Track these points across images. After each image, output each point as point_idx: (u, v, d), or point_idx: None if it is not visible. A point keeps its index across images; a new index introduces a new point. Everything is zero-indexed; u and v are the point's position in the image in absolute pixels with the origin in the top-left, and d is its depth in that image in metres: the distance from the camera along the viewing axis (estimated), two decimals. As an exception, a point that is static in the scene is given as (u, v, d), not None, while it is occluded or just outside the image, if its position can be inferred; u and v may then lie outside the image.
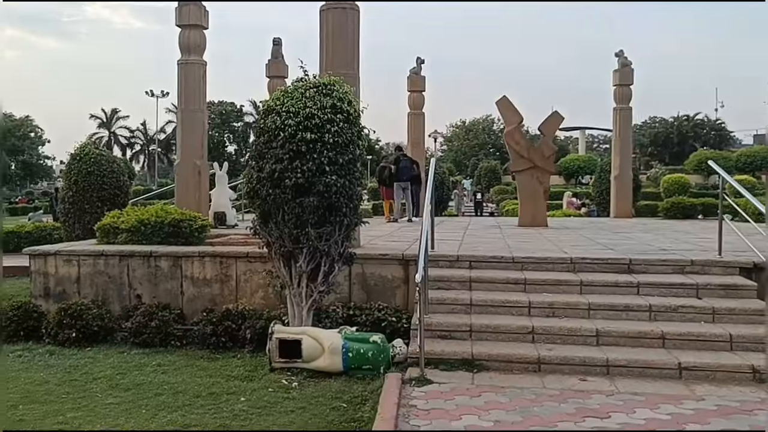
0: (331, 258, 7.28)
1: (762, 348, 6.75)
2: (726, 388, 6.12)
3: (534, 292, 7.82)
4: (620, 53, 20.52)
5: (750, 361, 6.45)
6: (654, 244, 10.68)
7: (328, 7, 9.80)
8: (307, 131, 7.03)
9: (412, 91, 21.19)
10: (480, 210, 32.99)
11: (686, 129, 62.96)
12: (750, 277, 8.07)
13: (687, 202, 20.80)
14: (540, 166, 14.90)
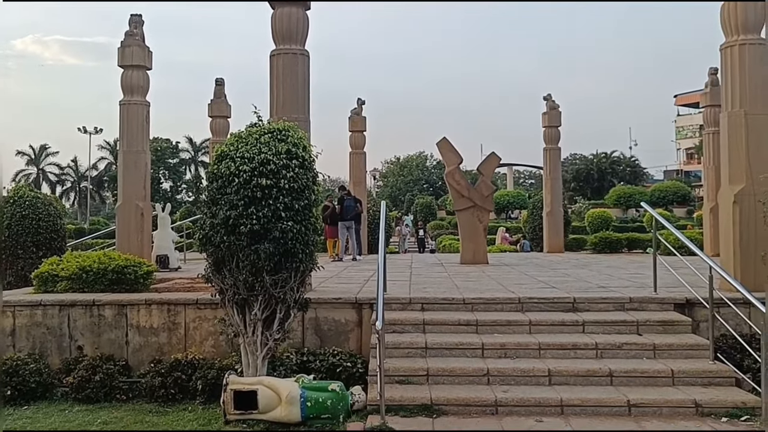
0: (286, 305, 7.27)
1: (701, 382, 7.09)
2: (673, 423, 6.40)
3: (486, 333, 7.99)
4: (548, 97, 21.38)
5: (692, 395, 6.75)
6: (592, 281, 11.06)
7: (278, 52, 9.90)
8: (262, 177, 7.03)
9: (353, 131, 21.50)
10: (423, 247, 33.07)
11: (605, 165, 65.51)
12: (684, 312, 8.47)
13: (613, 237, 21.84)
14: (479, 204, 15.31)
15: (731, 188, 9.35)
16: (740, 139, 9.33)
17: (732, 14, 9.46)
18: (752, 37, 9.40)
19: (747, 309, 7.50)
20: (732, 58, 9.48)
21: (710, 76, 18.74)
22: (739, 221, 9.17)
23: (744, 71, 9.37)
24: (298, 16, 9.99)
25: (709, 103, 18.59)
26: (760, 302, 6.77)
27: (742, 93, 9.38)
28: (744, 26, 9.40)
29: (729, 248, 9.30)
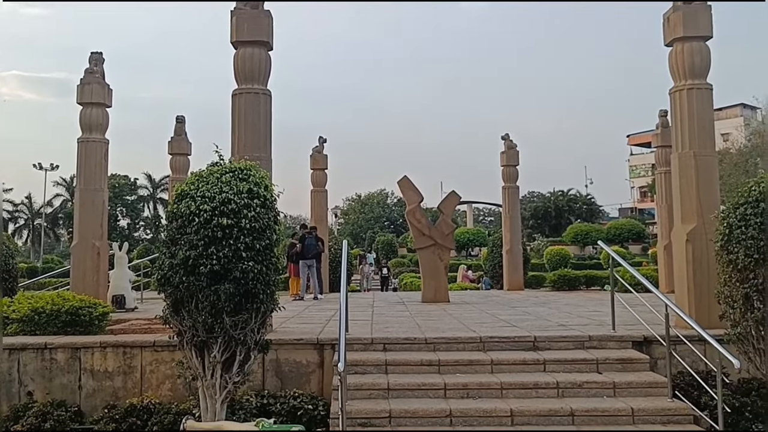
0: (247, 347, 7.15)
1: (660, 420, 7.17)
2: (633, 462, 6.45)
3: (448, 373, 7.98)
4: (506, 136, 21.81)
5: (652, 434, 6.82)
6: (552, 319, 11.16)
7: (240, 91, 9.94)
8: (223, 216, 6.96)
9: (315, 169, 21.58)
10: (386, 285, 32.80)
11: (562, 203, 66.69)
12: (642, 350, 8.59)
13: (572, 275, 22.16)
14: (440, 243, 15.41)
15: (684, 227, 9.59)
16: (691, 180, 9.60)
17: (679, 60, 9.82)
18: (699, 82, 9.76)
19: (702, 346, 7.64)
20: (681, 101, 9.81)
21: (661, 117, 19.33)
22: (692, 260, 9.40)
23: (692, 114, 9.70)
24: (261, 56, 10.07)
25: (661, 144, 19.15)
26: (714, 339, 6.93)
27: (691, 135, 9.68)
28: (691, 72, 9.75)
29: (683, 286, 9.51)
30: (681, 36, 9.83)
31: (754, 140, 46.82)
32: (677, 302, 9.07)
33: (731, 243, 7.45)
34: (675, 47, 9.97)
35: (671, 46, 10.07)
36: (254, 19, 10.08)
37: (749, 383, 7.82)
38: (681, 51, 9.84)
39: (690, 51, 9.77)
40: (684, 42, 9.84)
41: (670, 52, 10.07)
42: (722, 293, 7.64)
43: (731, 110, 67.13)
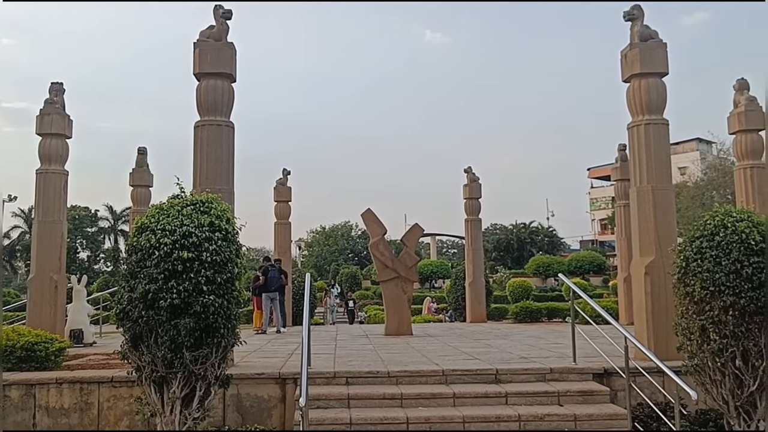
0: (207, 382, 7.05)
1: (621, 452, 7.23)
2: (594, 495, 6.47)
3: (410, 407, 7.95)
4: (469, 169, 22.07)
5: (613, 466, 6.87)
6: (514, 351, 11.21)
7: (203, 123, 9.92)
8: (184, 250, 6.91)
9: (278, 201, 21.53)
10: (353, 318, 32.47)
11: (524, 235, 67.41)
12: (602, 382, 8.68)
13: (534, 307, 22.36)
14: (403, 275, 15.45)
15: (642, 260, 9.77)
16: (648, 213, 9.81)
17: (637, 96, 10.09)
18: (656, 117, 10.03)
19: (661, 377, 7.75)
20: (638, 136, 10.06)
21: (620, 151, 19.76)
22: (650, 292, 9.56)
23: (650, 148, 9.94)
24: (224, 88, 10.10)
25: (620, 177, 19.56)
26: (672, 371, 7.04)
27: (648, 169, 9.92)
28: (648, 107, 10.02)
29: (642, 318, 9.66)
30: (638, 72, 10.12)
31: (710, 174, 48.01)
32: (636, 334, 9.20)
33: (688, 276, 7.59)
34: (632, 83, 10.25)
35: (629, 82, 10.35)
36: (217, 51, 10.12)
37: (707, 414, 7.93)
38: (638, 87, 10.12)
39: (647, 87, 10.05)
40: (641, 78, 10.12)
41: (627, 88, 10.34)
42: (680, 325, 7.77)
43: (688, 144, 68.84)
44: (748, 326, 7.17)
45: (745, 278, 7.14)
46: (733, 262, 7.20)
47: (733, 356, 7.19)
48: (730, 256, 7.24)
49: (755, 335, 7.16)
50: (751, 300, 7.11)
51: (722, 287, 7.21)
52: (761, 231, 7.29)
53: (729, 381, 7.25)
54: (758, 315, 7.16)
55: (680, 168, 54.52)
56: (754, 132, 13.20)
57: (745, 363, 7.19)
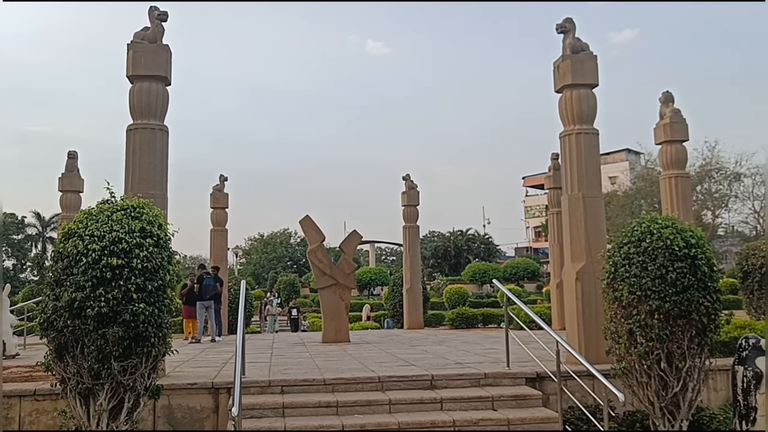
0: (136, 393, 6.85)
1: (553, 455, 7.36)
2: (526, 498, 6.55)
3: (346, 414, 7.91)
4: (407, 177, 22.21)
5: (545, 469, 6.97)
6: (449, 357, 11.30)
7: (135, 126, 9.71)
8: (113, 256, 6.72)
9: (215, 207, 21.24)
10: (296, 328, 31.65)
11: (461, 243, 68.31)
12: (535, 386, 8.82)
13: (469, 313, 22.60)
14: (341, 282, 15.41)
15: (573, 266, 9.99)
16: (579, 220, 10.05)
17: (568, 106, 10.34)
18: (586, 127, 10.29)
19: (591, 381, 7.89)
20: (570, 145, 10.30)
21: (552, 160, 20.21)
22: (581, 297, 9.78)
23: (581, 157, 10.19)
24: (158, 91, 9.91)
25: (552, 186, 19.99)
26: (601, 374, 7.20)
27: (579, 177, 10.16)
28: (579, 117, 10.28)
29: (573, 323, 9.87)
30: (570, 83, 10.37)
31: (638, 183, 49.55)
32: (568, 338, 9.39)
33: (616, 281, 7.80)
34: (564, 94, 10.49)
35: (561, 93, 10.59)
36: (152, 53, 9.92)
37: (634, 415, 8.16)
38: (570, 97, 10.36)
39: (578, 97, 10.31)
40: (572, 89, 10.38)
41: (560, 99, 10.58)
42: (608, 329, 7.97)
43: (618, 155, 70.85)
44: (673, 329, 7.41)
45: (669, 283, 7.37)
46: (659, 268, 7.43)
47: (658, 359, 7.42)
48: (655, 261, 7.47)
49: (679, 338, 7.41)
50: (675, 304, 7.35)
51: (648, 292, 7.44)
52: (685, 237, 7.55)
53: (654, 383, 7.47)
54: (682, 318, 7.41)
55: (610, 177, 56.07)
56: (679, 143, 13.70)
57: (669, 365, 7.42)
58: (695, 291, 7.43)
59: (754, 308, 13.84)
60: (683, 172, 13.80)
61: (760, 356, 7.57)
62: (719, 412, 8.64)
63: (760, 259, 13.81)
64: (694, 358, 7.49)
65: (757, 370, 7.46)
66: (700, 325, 7.48)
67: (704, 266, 7.55)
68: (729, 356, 8.04)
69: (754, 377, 7.46)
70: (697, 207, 42.44)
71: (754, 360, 7.56)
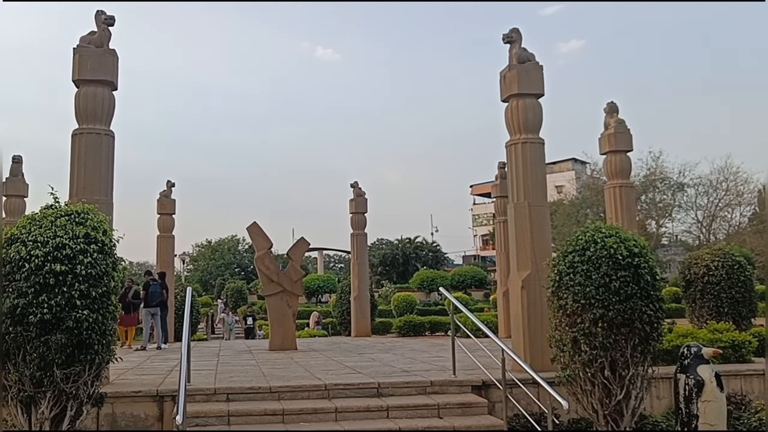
0: (79, 401, 6.74)
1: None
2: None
3: (292, 422, 7.89)
4: (355, 184, 22.26)
5: (492, 478, 7.05)
6: (396, 365, 11.36)
7: (81, 131, 9.55)
8: (56, 262, 6.61)
9: (161, 213, 20.90)
10: (252, 335, 31.24)
11: (409, 250, 68.61)
12: (480, 394, 8.92)
13: (416, 321, 22.77)
14: (289, 289, 15.35)
15: (519, 274, 10.15)
16: (525, 228, 10.21)
17: (514, 115, 10.52)
18: (532, 137, 10.47)
19: (536, 389, 8.02)
20: (516, 154, 10.47)
21: (499, 169, 20.46)
22: (526, 305, 9.94)
23: (527, 166, 10.36)
24: (104, 95, 9.77)
25: (499, 194, 20.26)
26: (545, 382, 7.34)
27: (525, 186, 10.33)
28: (525, 126, 10.46)
29: (519, 331, 10.03)
30: (516, 93, 10.55)
31: (584, 193, 50.63)
32: (514, 346, 9.53)
33: (561, 289, 7.96)
34: (510, 103, 10.66)
35: (507, 102, 10.76)
36: (98, 57, 9.78)
37: (578, 423, 8.33)
38: (516, 107, 10.54)
39: (524, 107, 10.49)
40: (518, 98, 10.55)
41: (506, 108, 10.74)
42: (553, 337, 8.12)
43: (564, 164, 72.20)
44: (616, 337, 7.58)
45: (613, 291, 7.55)
46: (603, 276, 7.59)
47: (602, 366, 7.59)
48: (599, 270, 7.63)
49: (622, 346, 7.59)
50: (619, 312, 7.53)
51: (592, 300, 7.59)
52: (628, 246, 7.73)
53: (598, 390, 7.63)
54: (625, 326, 7.59)
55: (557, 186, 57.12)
56: (623, 153, 14.02)
57: (613, 373, 7.59)
58: (638, 299, 7.62)
59: (697, 317, 14.23)
60: (627, 182, 14.13)
61: (701, 364, 7.81)
62: (662, 420, 8.86)
63: (702, 268, 14.21)
64: (637, 366, 7.68)
65: (698, 378, 7.69)
66: (643, 334, 7.67)
67: (647, 275, 7.75)
68: (671, 364, 8.25)
69: (695, 385, 7.68)
70: (641, 216, 43.52)
71: (696, 368, 7.78)
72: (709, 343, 9.72)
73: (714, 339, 10.52)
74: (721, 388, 7.75)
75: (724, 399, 7.82)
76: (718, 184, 47.06)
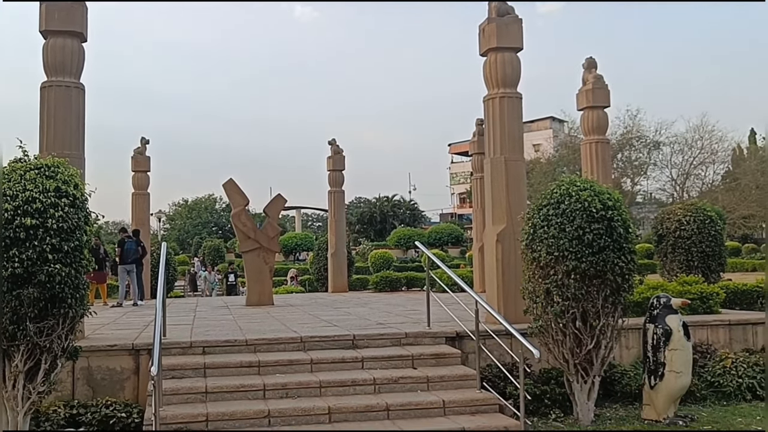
0: (53, 354, 6.74)
1: (469, 410, 7.58)
2: (444, 451, 6.75)
3: (268, 374, 7.95)
4: (333, 141, 22.11)
5: (461, 424, 7.17)
6: (372, 318, 11.46)
7: (50, 84, 9.35)
8: (26, 216, 6.56)
9: (136, 171, 20.68)
10: (235, 293, 31.00)
11: (387, 208, 68.83)
12: (454, 345, 9.04)
13: (393, 276, 22.91)
14: (265, 246, 15.36)
15: (494, 228, 10.21)
16: (501, 183, 10.24)
17: (493, 69, 10.44)
18: (510, 91, 10.42)
19: (509, 340, 8.14)
20: (493, 108, 10.43)
21: (477, 126, 20.41)
22: (501, 259, 10.02)
23: (504, 121, 10.33)
24: (73, 47, 9.54)
25: (476, 151, 20.25)
26: (518, 332, 7.45)
27: (502, 140, 10.31)
28: (503, 81, 10.39)
29: (493, 284, 10.12)
30: (495, 46, 10.43)
31: (561, 151, 50.85)
32: (488, 299, 9.63)
33: (535, 242, 8.04)
34: (489, 57, 10.57)
35: (486, 56, 10.67)
36: (67, 8, 9.51)
37: (549, 372, 8.49)
38: (494, 61, 10.45)
39: (502, 61, 10.40)
40: (497, 52, 10.45)
41: (484, 62, 10.65)
42: (527, 289, 8.23)
43: (542, 122, 72.31)
44: (588, 289, 7.70)
45: (586, 244, 7.64)
46: (576, 229, 7.67)
47: (573, 317, 7.73)
48: (573, 223, 7.70)
49: (594, 297, 7.72)
50: (591, 264, 7.63)
51: (566, 252, 7.68)
52: (602, 199, 7.79)
53: (569, 341, 7.78)
54: (597, 278, 7.71)
55: (534, 145, 57.33)
56: (600, 108, 14.02)
57: (584, 323, 7.74)
58: (611, 252, 7.72)
59: (667, 270, 14.47)
60: (604, 138, 14.18)
61: (670, 315, 7.98)
62: (630, 369, 9.08)
63: (674, 222, 14.41)
64: (607, 317, 7.83)
65: (666, 328, 7.87)
66: (614, 285, 7.79)
67: (620, 228, 7.84)
68: (641, 316, 8.42)
69: (663, 334, 7.87)
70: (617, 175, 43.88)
71: (665, 318, 7.96)
72: (678, 294, 9.90)
73: (683, 291, 10.73)
74: (687, 337, 7.94)
75: (690, 348, 8.03)
76: (693, 142, 47.58)
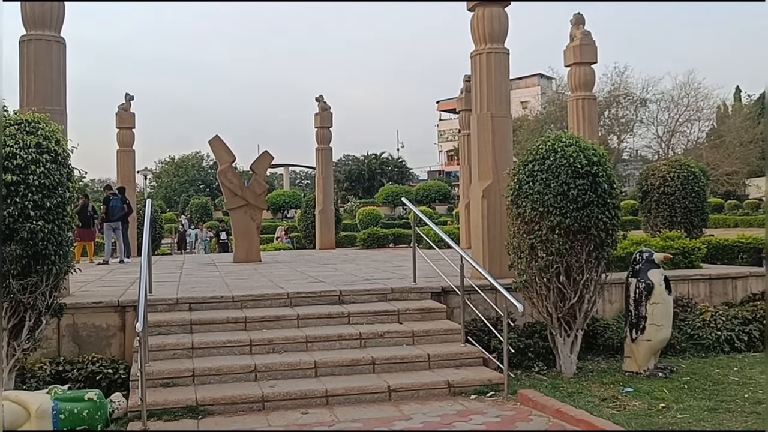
0: (37, 311, 6.72)
1: (454, 364, 7.68)
2: (428, 404, 6.84)
3: (254, 329, 8.00)
4: (320, 98, 21.90)
5: (445, 377, 7.29)
6: (358, 274, 11.51)
7: (29, 37, 9.16)
8: (7, 172, 6.47)
9: (120, 128, 20.46)
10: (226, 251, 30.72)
11: (375, 166, 68.76)
12: (440, 300, 9.11)
13: (380, 233, 22.95)
14: (252, 203, 15.30)
15: (480, 184, 10.20)
16: (487, 139, 10.20)
17: (480, 25, 10.31)
18: (497, 47, 10.31)
19: (494, 294, 8.21)
20: (480, 64, 10.33)
21: (465, 82, 20.25)
22: (486, 214, 10.03)
23: (491, 76, 10.25)
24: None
25: (464, 108, 20.12)
26: (503, 287, 7.50)
27: (489, 96, 10.25)
28: (490, 36, 10.27)
29: (479, 239, 10.16)
30: (482, 0, 10.30)
31: (549, 108, 50.71)
32: (473, 255, 9.68)
33: (520, 198, 8.04)
34: (476, 12, 10.42)
35: (473, 11, 10.53)
36: (45, -41, 9.27)
37: (533, 326, 8.58)
38: (482, 16, 10.30)
39: (490, 16, 10.25)
40: (485, 7, 10.29)
41: (471, 17, 10.50)
42: (511, 244, 8.26)
43: (530, 80, 71.87)
44: (572, 244, 7.74)
45: (571, 199, 7.64)
46: (561, 185, 7.67)
47: (557, 272, 7.77)
48: (558, 178, 7.70)
49: (577, 252, 7.76)
50: (575, 220, 7.65)
51: (550, 208, 7.69)
52: (587, 155, 7.78)
53: (553, 295, 7.85)
54: (581, 233, 7.74)
55: (522, 102, 57.06)
56: (587, 65, 13.92)
57: (567, 278, 7.79)
58: (595, 207, 7.73)
59: (651, 226, 14.58)
60: (590, 95, 14.11)
61: (652, 269, 8.05)
62: (612, 322, 9.18)
63: (659, 179, 14.48)
64: (591, 272, 7.88)
65: (648, 282, 7.93)
66: (598, 240, 7.83)
67: (605, 183, 7.84)
68: (624, 271, 8.47)
69: (645, 288, 7.94)
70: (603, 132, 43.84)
71: (647, 272, 8.02)
72: (661, 250, 9.96)
73: (666, 246, 10.82)
74: (669, 292, 8.02)
75: (671, 301, 8.11)
76: (679, 99, 47.61)
